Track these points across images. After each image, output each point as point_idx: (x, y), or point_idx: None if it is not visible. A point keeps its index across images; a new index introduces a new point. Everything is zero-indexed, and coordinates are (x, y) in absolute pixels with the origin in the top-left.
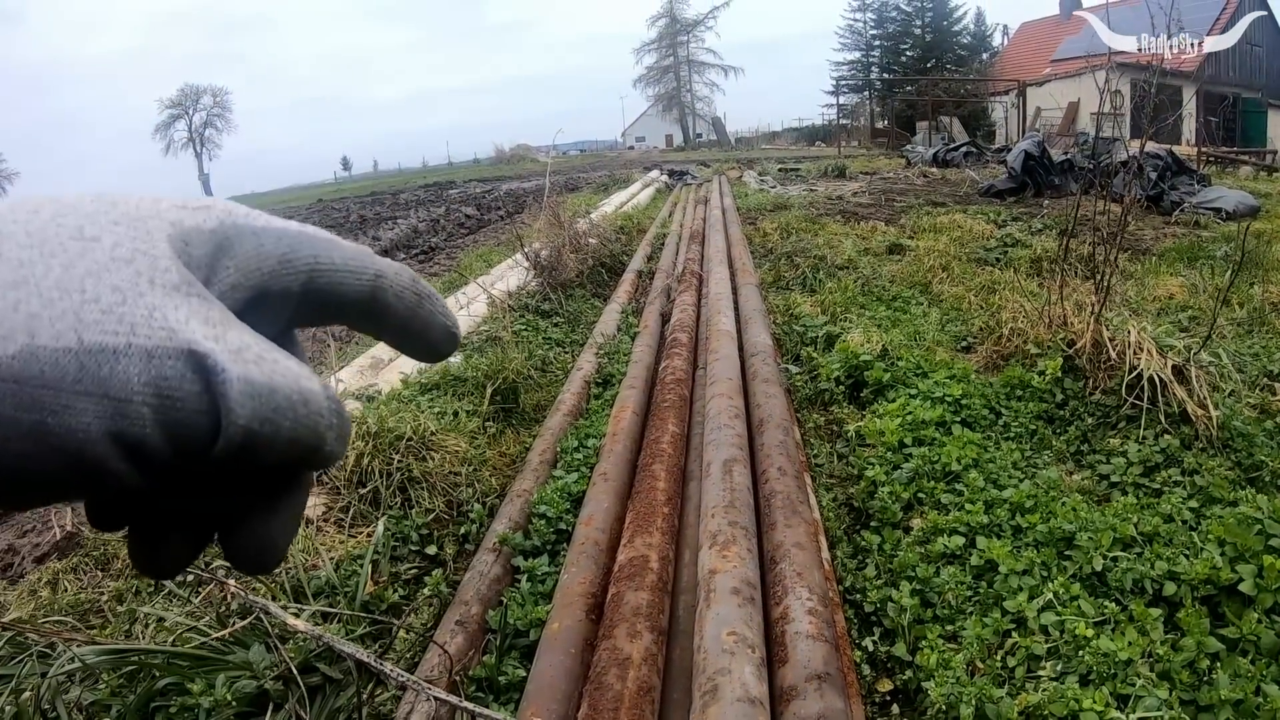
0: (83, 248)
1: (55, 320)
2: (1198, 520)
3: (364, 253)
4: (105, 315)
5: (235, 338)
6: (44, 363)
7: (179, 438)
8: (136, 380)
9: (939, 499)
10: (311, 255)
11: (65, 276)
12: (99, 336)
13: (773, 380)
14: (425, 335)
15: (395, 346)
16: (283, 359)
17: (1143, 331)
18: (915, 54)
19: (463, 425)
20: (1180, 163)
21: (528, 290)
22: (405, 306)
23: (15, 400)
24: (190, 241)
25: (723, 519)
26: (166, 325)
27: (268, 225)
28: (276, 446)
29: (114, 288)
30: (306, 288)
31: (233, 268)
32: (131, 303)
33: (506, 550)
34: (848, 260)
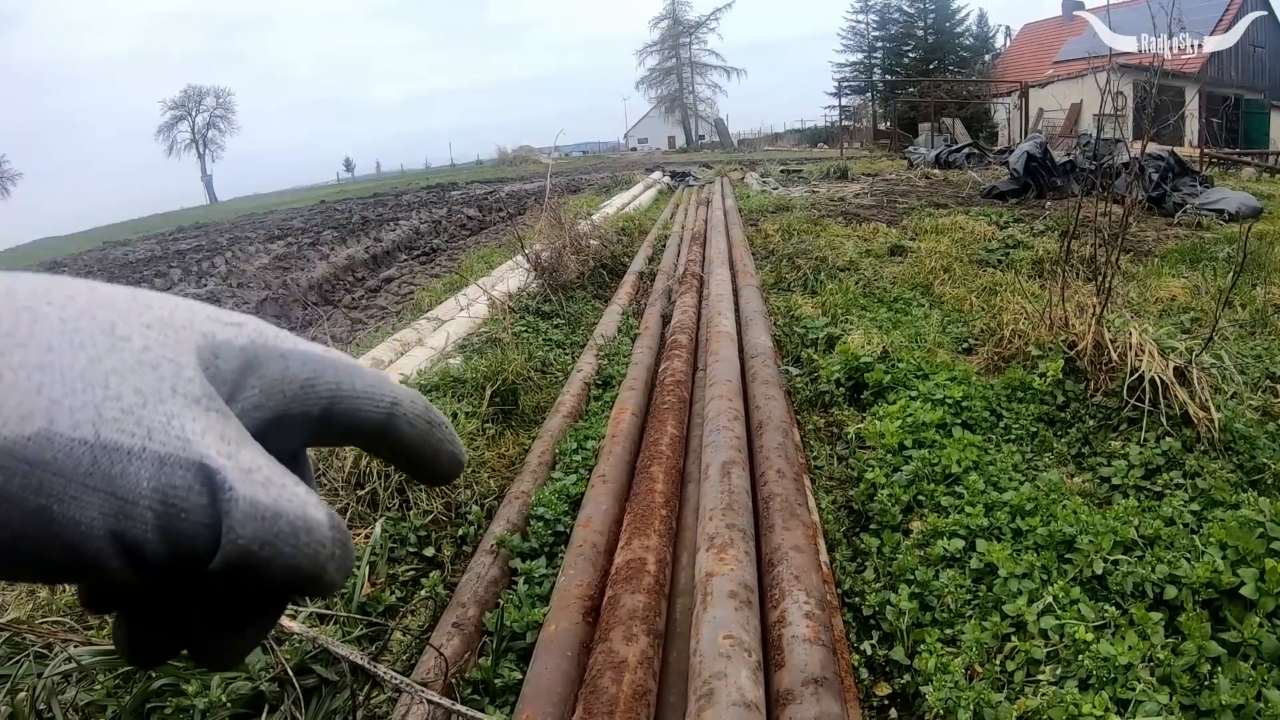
0: (112, 344)
1: (75, 410)
2: (1199, 523)
3: (383, 381)
4: (124, 415)
5: (248, 458)
6: (58, 449)
7: (178, 546)
8: (145, 484)
9: (939, 501)
10: (334, 382)
11: (90, 370)
12: (115, 434)
13: (772, 382)
14: (433, 463)
15: (401, 469)
16: (291, 485)
17: (1144, 333)
18: (917, 55)
19: (462, 426)
20: (1182, 164)
21: (528, 292)
22: (417, 434)
23: (24, 481)
24: (220, 355)
25: (720, 521)
26: (183, 435)
27: (294, 349)
28: (273, 570)
29: (137, 390)
30: (325, 413)
31: (258, 388)
32: (152, 407)
33: (504, 552)
34: (849, 262)
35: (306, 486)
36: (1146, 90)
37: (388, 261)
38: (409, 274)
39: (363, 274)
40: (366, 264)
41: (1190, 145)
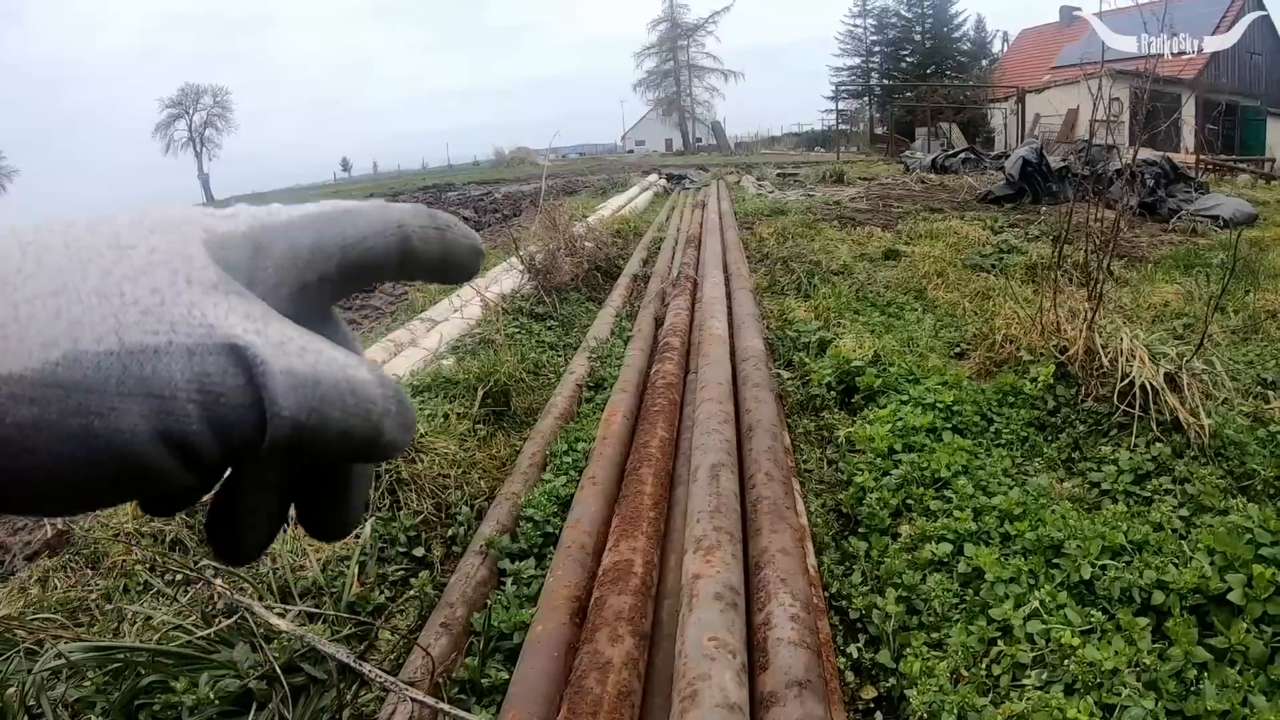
0: (119, 254)
1: (96, 324)
2: (1188, 529)
3: (382, 209)
4: (145, 316)
5: (276, 331)
6: (87, 367)
7: (226, 433)
8: (180, 377)
9: (928, 505)
10: (339, 234)
11: (104, 282)
12: (140, 337)
13: (763, 385)
14: (455, 263)
15: (428, 281)
16: (328, 349)
17: (1135, 339)
18: (915, 60)
19: (453, 428)
20: (1178, 170)
21: (522, 293)
22: (431, 247)
23: (61, 406)
24: (226, 246)
25: (708, 524)
26: (206, 321)
27: (292, 217)
28: (327, 438)
29: (152, 289)
30: (341, 266)
31: (271, 267)
32: (170, 302)
33: (493, 553)
34: (843, 266)
35: (345, 349)
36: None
37: None
38: None
39: None
40: None
41: (1186, 151)
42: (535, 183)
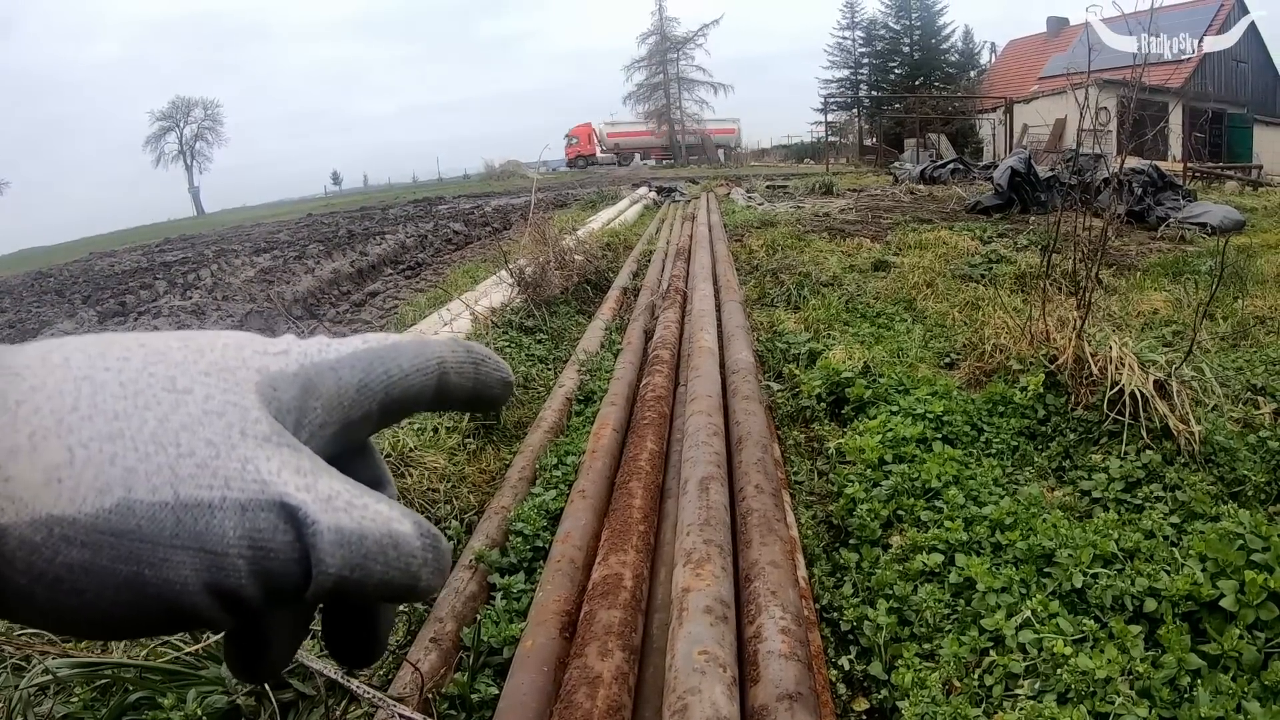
0: (176, 400)
1: (151, 475)
2: (1179, 536)
3: (424, 346)
4: (200, 470)
5: (325, 486)
6: (140, 517)
7: (271, 585)
8: (232, 534)
9: (918, 516)
10: (384, 373)
11: (160, 430)
12: (195, 491)
13: (753, 397)
14: (486, 397)
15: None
16: (373, 503)
17: (1124, 347)
18: (904, 71)
19: (442, 442)
20: (1166, 178)
21: (512, 307)
22: (466, 380)
23: (113, 553)
24: (278, 387)
25: (698, 537)
26: (259, 478)
27: (339, 357)
28: (368, 589)
29: (208, 441)
30: (384, 405)
31: (319, 408)
32: (225, 456)
33: (483, 568)
34: (833, 277)
35: (389, 500)
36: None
37: (373, 275)
38: (394, 288)
39: (348, 288)
40: (352, 278)
41: (1174, 159)
42: (525, 195)
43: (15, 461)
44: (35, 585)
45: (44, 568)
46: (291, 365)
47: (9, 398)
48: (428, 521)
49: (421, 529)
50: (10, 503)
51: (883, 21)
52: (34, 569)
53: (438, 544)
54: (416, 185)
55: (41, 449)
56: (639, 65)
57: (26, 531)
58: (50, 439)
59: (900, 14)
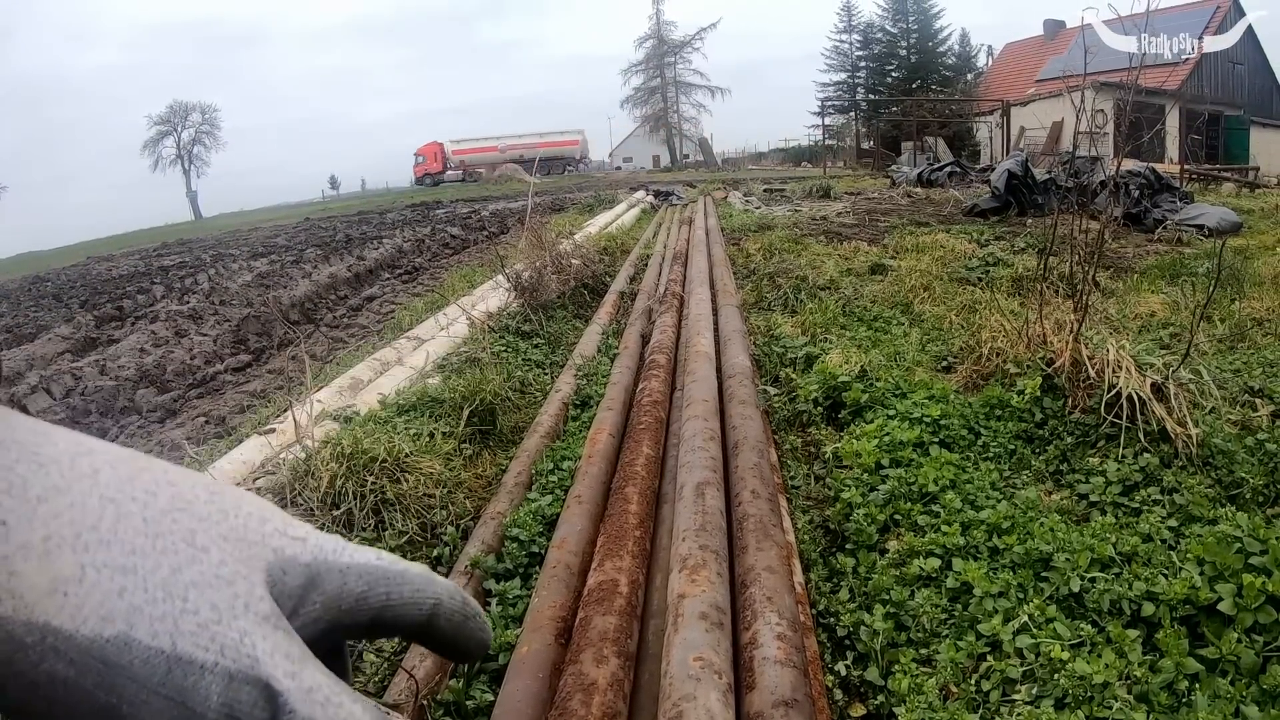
0: (192, 555)
1: (155, 620)
2: (1177, 539)
3: (428, 582)
4: (200, 630)
5: (309, 677)
6: (135, 655)
7: None
8: (215, 699)
9: (915, 520)
10: (384, 593)
11: (172, 580)
12: (191, 648)
13: (749, 402)
14: (462, 649)
15: (431, 650)
16: (348, 703)
17: (1121, 349)
18: (901, 75)
19: (438, 447)
20: (1163, 180)
21: (509, 311)
22: (452, 628)
23: (97, 679)
24: (287, 571)
25: (694, 542)
26: (252, 654)
27: (351, 563)
28: None
29: (213, 605)
30: (374, 621)
31: (319, 603)
32: (226, 624)
33: (478, 573)
34: (830, 281)
35: (364, 701)
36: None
37: (370, 280)
38: (391, 293)
39: (345, 292)
40: (349, 282)
41: (1171, 162)
42: (522, 200)
43: (24, 559)
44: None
45: (24, 669)
46: (305, 555)
47: (30, 489)
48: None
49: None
50: (10, 597)
51: (880, 25)
52: (13, 666)
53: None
54: (414, 190)
55: (54, 556)
56: (636, 69)
57: (19, 630)
58: (65, 550)
59: (897, 17)
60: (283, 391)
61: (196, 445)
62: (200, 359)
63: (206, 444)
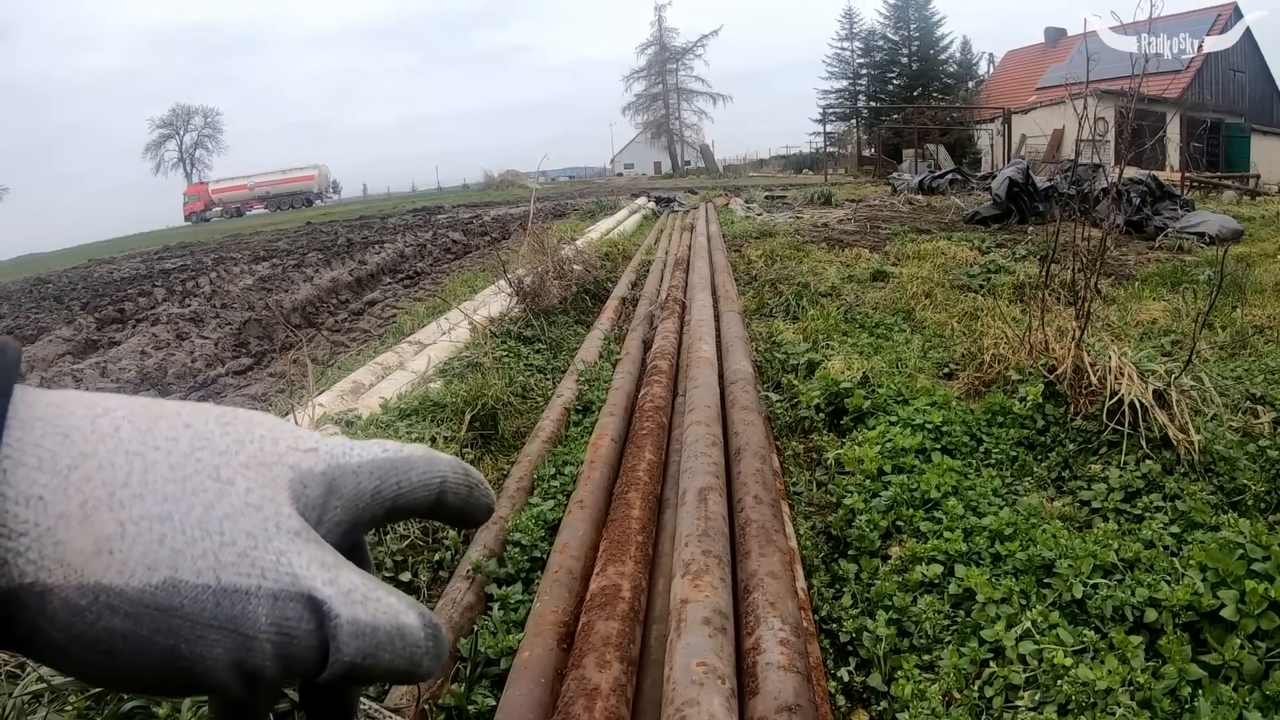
0: (220, 490)
1: (197, 559)
2: (1179, 546)
3: (431, 462)
4: (240, 559)
5: (346, 580)
6: (184, 596)
7: (291, 668)
8: (264, 620)
9: (918, 527)
10: (395, 483)
11: (206, 517)
12: (234, 578)
13: (751, 408)
14: (471, 518)
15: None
16: (384, 596)
17: (1123, 356)
18: (902, 82)
19: (440, 449)
20: (1163, 188)
21: (510, 316)
22: (460, 499)
23: (153, 625)
24: (306, 484)
25: (696, 548)
26: (291, 571)
27: (361, 462)
28: (374, 674)
29: (247, 533)
30: (389, 511)
31: (339, 507)
32: (262, 548)
33: (480, 578)
34: (831, 287)
35: (397, 593)
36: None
37: (372, 284)
38: (393, 297)
39: (346, 296)
40: (350, 286)
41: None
42: (524, 205)
43: (66, 527)
44: (72, 644)
45: (83, 630)
46: (320, 465)
47: (59, 460)
48: (429, 612)
49: (425, 620)
50: (59, 565)
51: (881, 33)
52: (73, 629)
53: (438, 634)
54: (415, 195)
55: (93, 519)
56: (638, 76)
57: (72, 595)
58: (102, 510)
59: (898, 25)
60: (284, 395)
61: None
62: (201, 362)
63: None
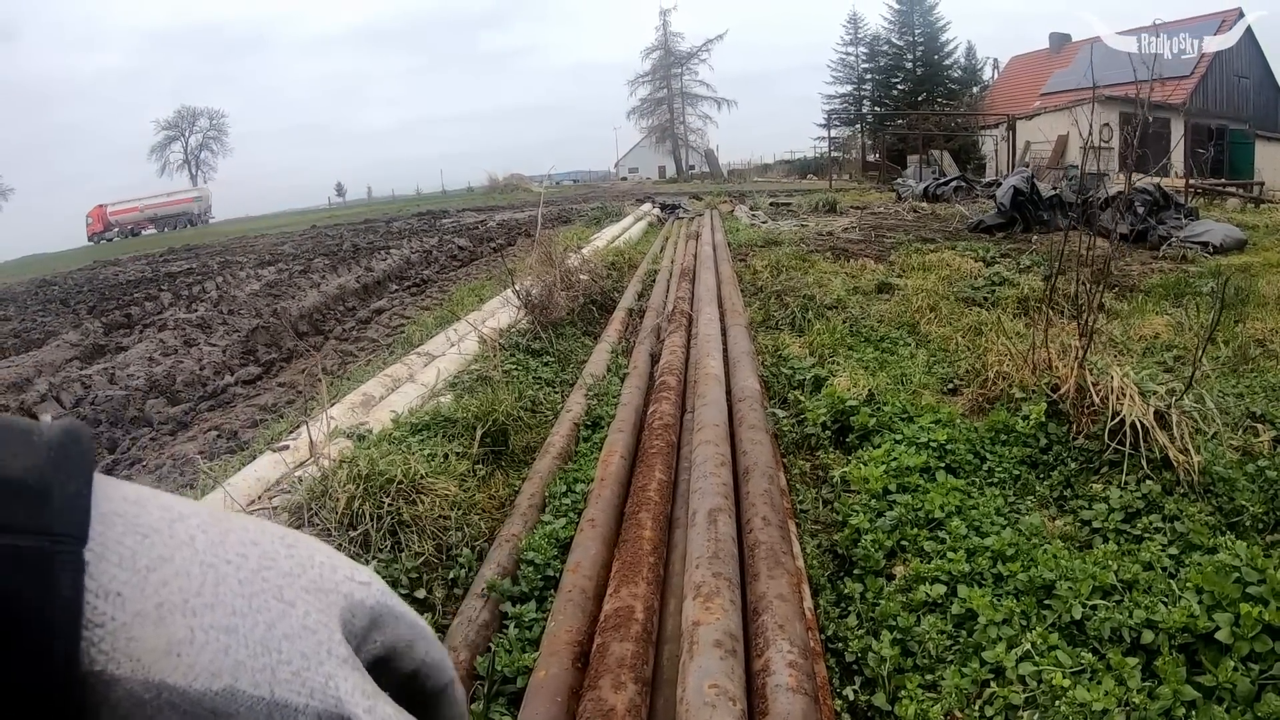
0: (282, 610)
1: (256, 672)
2: (1177, 567)
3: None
4: (294, 677)
5: (382, 710)
6: (241, 704)
7: None
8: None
9: (922, 546)
10: (425, 650)
11: (268, 635)
12: (287, 694)
13: (759, 427)
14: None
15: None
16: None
17: (1125, 377)
18: (906, 87)
19: (453, 468)
20: (1168, 197)
21: (518, 329)
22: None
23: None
24: (355, 614)
25: (707, 570)
26: (336, 695)
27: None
28: None
29: (302, 654)
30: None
31: (379, 642)
32: (313, 670)
33: (495, 596)
34: (837, 300)
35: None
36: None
37: (379, 291)
38: (400, 306)
39: (353, 304)
40: (357, 294)
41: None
42: (529, 210)
43: (141, 625)
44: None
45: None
46: (370, 599)
47: (139, 559)
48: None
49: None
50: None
51: (885, 38)
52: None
53: None
54: (420, 198)
55: (167, 621)
56: (643, 80)
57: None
58: (176, 615)
59: (903, 30)
60: (294, 406)
61: (209, 459)
62: (210, 369)
63: (219, 459)
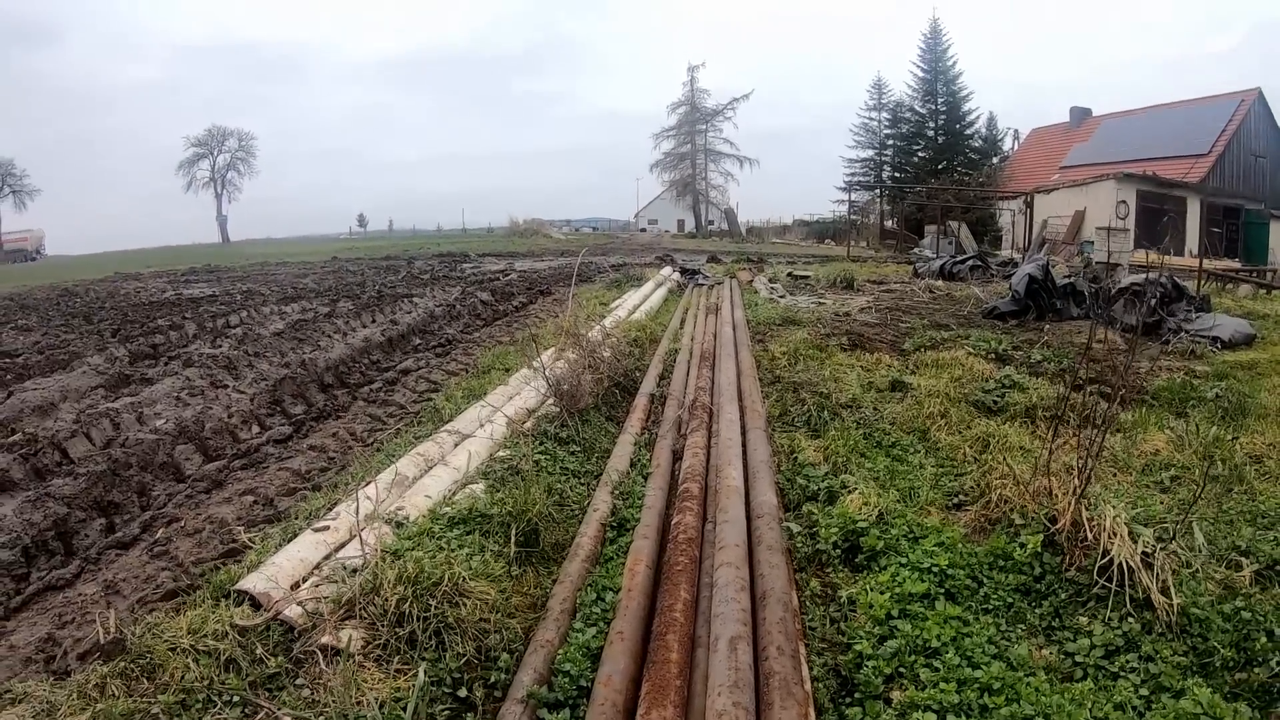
0: None
1: None
2: (1146, 707)
3: None
4: None
5: None
6: None
7: None
8: None
9: (918, 674)
10: None
11: None
12: None
13: (775, 548)
14: None
15: None
16: None
17: (1117, 519)
18: (927, 154)
19: (491, 568)
20: (1180, 288)
21: (546, 415)
22: None
23: None
24: None
25: (728, 699)
26: None
27: None
28: None
29: None
30: None
31: None
32: None
33: (533, 703)
34: (852, 398)
35: None
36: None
37: (403, 345)
38: (426, 368)
39: (378, 357)
40: (382, 347)
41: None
42: (548, 259)
43: None
44: None
45: None
46: None
47: None
48: None
49: None
50: None
51: (909, 104)
52: None
53: None
54: (441, 235)
55: None
56: (668, 134)
57: None
58: None
59: (927, 98)
60: (327, 475)
61: (247, 527)
62: (238, 418)
63: (258, 527)
